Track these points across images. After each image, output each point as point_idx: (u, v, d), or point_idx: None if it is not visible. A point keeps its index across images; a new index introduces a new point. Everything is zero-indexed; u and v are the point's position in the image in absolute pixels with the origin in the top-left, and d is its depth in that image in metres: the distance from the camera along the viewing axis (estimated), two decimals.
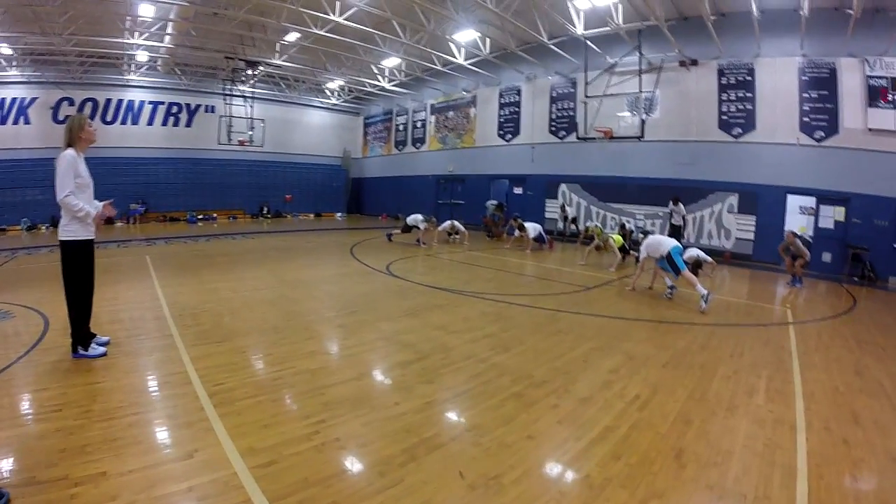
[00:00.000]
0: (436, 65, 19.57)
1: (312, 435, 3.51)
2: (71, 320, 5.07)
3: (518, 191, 19.74)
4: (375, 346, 5.69)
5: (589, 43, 15.40)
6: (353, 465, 3.19)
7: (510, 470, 3.07)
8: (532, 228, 14.08)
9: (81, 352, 5.11)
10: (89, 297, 5.16)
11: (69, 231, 4.89)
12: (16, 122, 20.39)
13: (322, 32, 15.92)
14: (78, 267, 4.99)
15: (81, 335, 5.13)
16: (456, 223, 15.60)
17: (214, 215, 24.24)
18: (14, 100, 20.39)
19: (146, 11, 15.32)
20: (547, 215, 18.42)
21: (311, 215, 27.36)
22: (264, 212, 26.02)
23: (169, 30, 17.32)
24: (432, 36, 16.50)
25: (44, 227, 19.09)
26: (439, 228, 15.46)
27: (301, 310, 7.39)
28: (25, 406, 4.20)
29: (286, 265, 11.66)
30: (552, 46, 16.02)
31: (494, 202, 18.51)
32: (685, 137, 15.09)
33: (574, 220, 17.08)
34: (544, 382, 4.45)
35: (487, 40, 17.24)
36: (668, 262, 7.79)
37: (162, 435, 3.66)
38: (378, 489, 2.86)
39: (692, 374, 4.82)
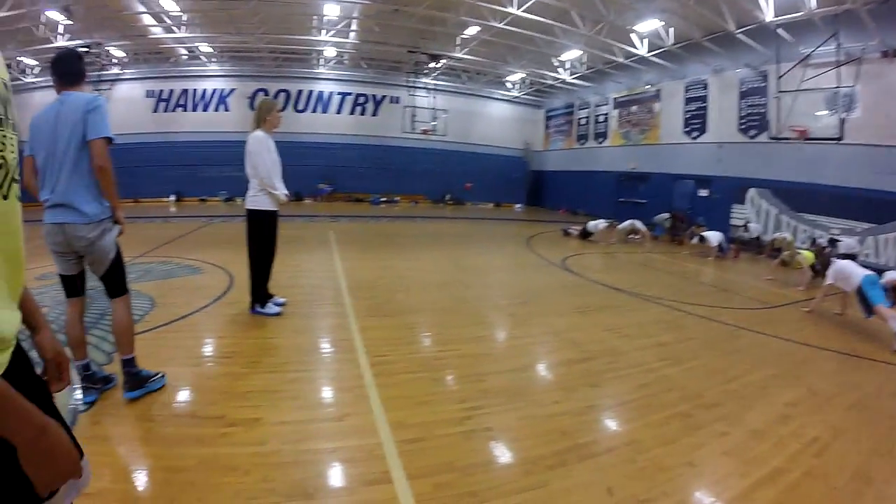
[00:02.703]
0: (617, 57, 18.59)
1: (464, 420, 3.42)
2: (251, 280, 5.53)
3: (703, 193, 18.07)
4: (542, 339, 5.49)
5: (779, 31, 13.52)
6: (499, 458, 3.03)
7: (662, 497, 2.69)
8: (714, 237, 12.87)
9: (259, 309, 5.55)
10: (270, 262, 5.58)
11: (256, 201, 5.33)
12: (216, 110, 23.35)
13: (501, 25, 15.84)
14: (261, 234, 5.42)
15: (260, 294, 5.57)
16: (637, 223, 14.81)
17: (397, 199, 25.35)
18: (214, 90, 23.35)
19: (331, 11, 16.37)
20: (733, 222, 16.66)
21: (491, 205, 27.57)
22: (446, 198, 26.72)
23: (353, 26, 18.35)
24: (613, 26, 15.65)
25: (239, 200, 21.22)
26: (619, 227, 14.79)
27: (472, 295, 7.41)
28: (202, 349, 4.68)
29: (462, 251, 11.84)
30: (740, 35, 14.35)
31: (666, 215, 17.24)
32: (889, 141, 12.70)
33: (757, 238, 15.21)
34: (715, 405, 3.91)
35: (671, 30, 16.00)
36: (859, 295, 6.58)
37: (319, 394, 3.83)
38: (519, 488, 2.68)
39: (881, 423, 3.89)
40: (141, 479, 2.68)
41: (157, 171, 21.66)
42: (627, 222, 14.84)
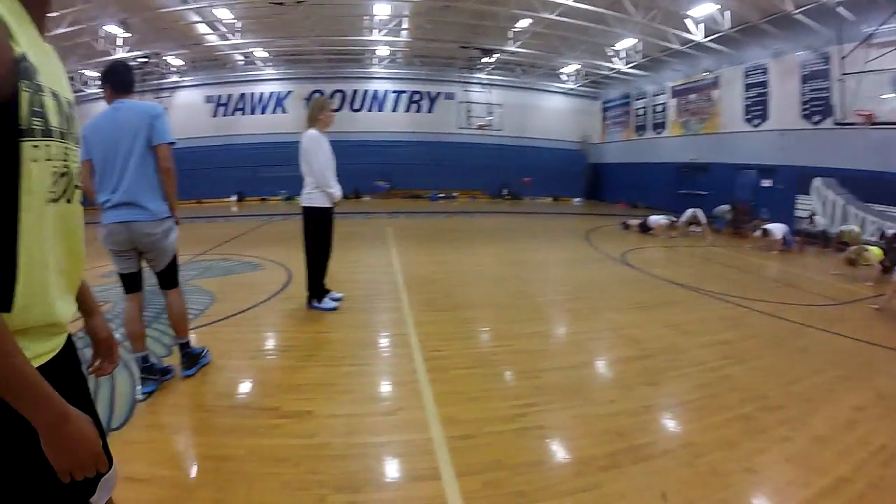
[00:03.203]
0: (673, 43, 17.92)
1: (517, 417, 3.38)
2: (308, 276, 5.65)
3: (767, 183, 17.17)
4: (600, 335, 5.36)
5: (840, 9, 12.65)
6: (551, 457, 2.99)
7: None
8: (778, 229, 12.28)
9: (315, 304, 5.69)
10: (326, 258, 5.69)
11: (312, 199, 5.46)
12: (274, 112, 23.99)
13: (553, 16, 15.58)
14: (317, 230, 5.54)
15: (317, 290, 5.70)
16: (698, 213, 14.33)
17: (455, 194, 25.35)
18: (271, 93, 24.00)
19: (382, 10, 16.55)
20: (797, 213, 15.73)
21: (549, 199, 27.10)
22: (504, 193, 26.51)
23: (405, 25, 18.42)
24: (667, 12, 15.23)
25: (298, 198, 21.80)
26: (681, 219, 14.35)
27: (530, 290, 7.36)
28: (260, 342, 4.83)
29: (520, 245, 11.80)
30: (799, 16, 13.54)
31: (727, 207, 16.56)
32: None
33: (824, 232, 14.34)
34: (778, 408, 3.68)
35: (727, 13, 15.33)
36: None
37: (372, 389, 3.88)
38: (570, 489, 2.61)
39: None
40: (192, 467, 2.80)
41: (219, 173, 22.50)
42: (689, 211, 14.38)
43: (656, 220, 13.82)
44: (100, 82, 3.49)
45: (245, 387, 3.85)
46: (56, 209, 1.10)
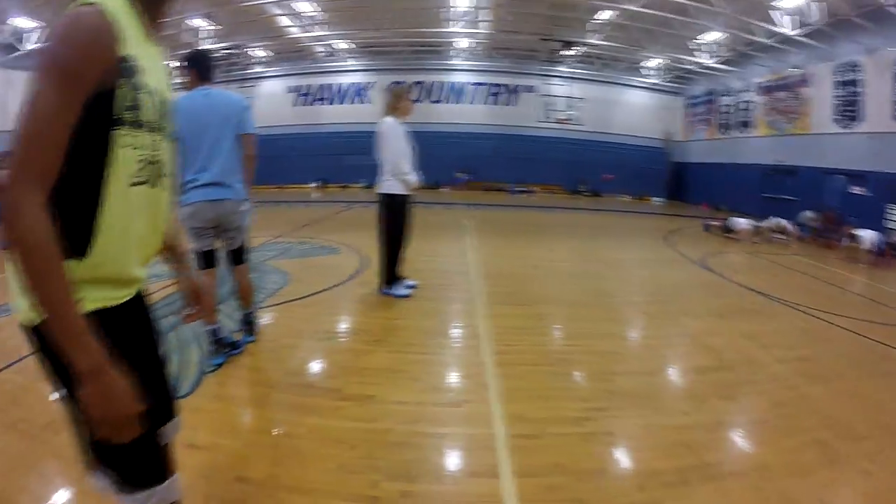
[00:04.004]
0: (759, 38, 17.09)
1: (584, 420, 3.28)
2: (382, 262, 5.76)
3: (857, 190, 16.01)
4: (676, 341, 5.18)
5: None
6: (615, 466, 2.89)
7: None
8: (868, 236, 11.49)
9: (388, 290, 5.77)
10: (401, 244, 5.77)
11: (388, 185, 5.54)
12: (355, 102, 24.80)
13: (635, 8, 15.20)
14: (393, 217, 5.63)
15: (390, 276, 5.79)
16: (785, 224, 13.60)
17: (534, 189, 25.15)
18: (353, 84, 24.84)
19: (461, 2, 16.72)
20: (888, 225, 14.09)
21: (629, 197, 26.13)
22: (582, 189, 26.04)
23: (485, 16, 18.42)
24: (753, 4, 14.54)
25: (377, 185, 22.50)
26: (763, 224, 13.66)
27: (606, 289, 7.23)
28: (330, 324, 4.95)
29: (598, 243, 11.67)
30: (894, 9, 12.57)
31: (813, 214, 15.49)
32: None
33: None
34: (860, 437, 3.33)
35: (818, 5, 14.30)
36: None
37: (438, 378, 3.89)
38: (631, 503, 2.50)
39: None
40: (251, 440, 2.90)
41: (300, 160, 23.46)
42: (774, 220, 13.67)
43: (738, 223, 13.20)
44: (184, 67, 3.69)
45: (311, 366, 3.98)
46: (141, 191, 1.25)
